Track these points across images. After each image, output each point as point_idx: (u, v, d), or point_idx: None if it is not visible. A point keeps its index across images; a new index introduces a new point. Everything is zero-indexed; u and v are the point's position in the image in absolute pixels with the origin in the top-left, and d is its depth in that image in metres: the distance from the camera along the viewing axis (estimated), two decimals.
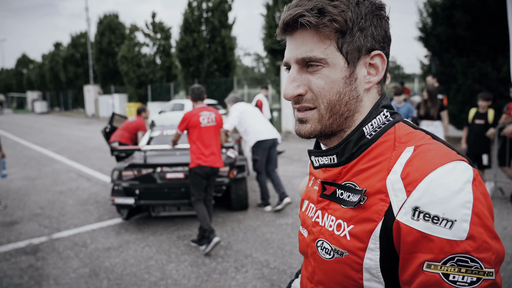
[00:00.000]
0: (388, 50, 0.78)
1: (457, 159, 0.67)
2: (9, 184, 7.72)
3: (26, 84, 46.88)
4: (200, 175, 4.23)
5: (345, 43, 0.72)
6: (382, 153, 0.74)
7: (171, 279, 3.67)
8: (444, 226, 0.62)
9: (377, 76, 0.76)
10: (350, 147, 0.77)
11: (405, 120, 0.81)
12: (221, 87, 20.25)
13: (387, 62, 0.77)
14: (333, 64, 0.73)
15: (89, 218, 5.53)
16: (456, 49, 10.17)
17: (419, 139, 0.73)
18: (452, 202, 0.62)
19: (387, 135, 0.76)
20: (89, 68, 31.10)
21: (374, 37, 0.74)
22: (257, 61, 68.99)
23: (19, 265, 4.08)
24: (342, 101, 0.74)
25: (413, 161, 0.68)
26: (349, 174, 0.77)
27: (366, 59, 0.75)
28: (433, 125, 6.30)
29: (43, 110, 38.11)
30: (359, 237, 0.72)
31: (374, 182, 0.72)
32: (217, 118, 4.37)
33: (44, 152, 12.16)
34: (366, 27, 0.73)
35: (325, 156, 0.80)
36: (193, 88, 4.38)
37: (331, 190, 0.80)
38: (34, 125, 23.34)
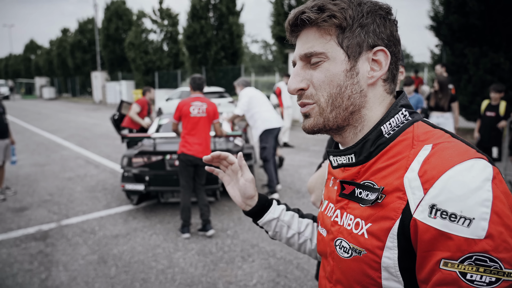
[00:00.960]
0: (395, 49, 0.79)
1: (476, 157, 0.66)
2: (18, 170, 7.81)
3: (34, 70, 47.08)
4: (184, 162, 4.28)
5: (345, 38, 0.75)
6: (400, 152, 0.74)
7: (178, 267, 3.70)
8: (462, 224, 0.61)
9: (380, 71, 0.77)
10: (368, 146, 0.77)
11: (425, 119, 0.80)
12: (228, 74, 20.16)
13: (393, 59, 0.78)
14: (333, 58, 0.75)
15: (97, 205, 5.58)
16: (468, 38, 9.98)
17: (437, 137, 0.72)
18: (470, 200, 0.61)
19: (406, 134, 0.76)
20: (97, 54, 31.10)
21: (377, 34, 0.76)
22: (265, 48, 68.44)
23: (29, 251, 4.14)
24: (344, 94, 0.76)
25: (430, 159, 0.67)
26: (367, 173, 0.78)
27: (369, 54, 0.76)
28: (443, 117, 6.23)
29: (51, 96, 38.32)
30: (377, 235, 0.72)
31: (392, 180, 0.72)
32: (209, 110, 4.35)
33: (52, 138, 12.25)
34: (368, 24, 0.75)
35: (343, 156, 0.81)
36: (194, 77, 4.41)
37: (350, 189, 0.81)
38: (42, 111, 23.50)
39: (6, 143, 6.04)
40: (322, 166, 1.64)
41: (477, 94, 9.71)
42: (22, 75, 52.24)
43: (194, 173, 4.38)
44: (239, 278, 3.49)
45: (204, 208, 4.38)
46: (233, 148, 5.15)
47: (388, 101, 0.80)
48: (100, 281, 3.48)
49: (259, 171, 7.22)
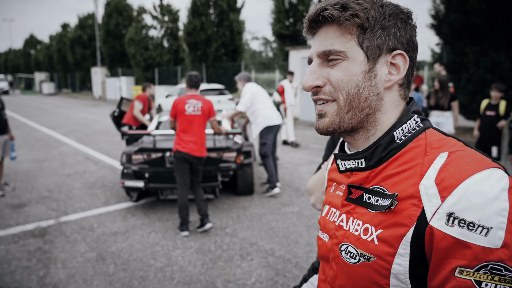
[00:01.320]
0: (413, 55, 0.78)
1: (493, 166, 0.67)
2: (17, 166, 7.80)
3: (34, 65, 46.97)
4: (179, 159, 4.28)
5: (366, 39, 0.74)
6: (413, 158, 0.73)
7: (176, 266, 3.70)
8: (480, 233, 0.62)
9: (398, 75, 0.76)
10: (379, 151, 0.77)
11: (435, 127, 0.80)
12: (228, 71, 20.12)
13: (410, 65, 0.77)
14: (352, 58, 0.74)
15: (96, 202, 5.57)
16: (469, 37, 9.95)
17: (452, 145, 0.72)
18: (488, 209, 0.62)
19: (418, 140, 0.75)
20: (97, 50, 31.02)
21: (397, 38, 0.75)
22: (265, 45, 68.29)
23: (28, 248, 4.14)
24: (362, 95, 0.75)
25: (447, 167, 0.68)
26: (377, 179, 0.77)
27: (388, 57, 0.76)
28: (443, 116, 6.22)
29: (50, 91, 38.24)
30: (389, 242, 0.71)
31: (406, 187, 0.71)
32: (204, 108, 4.34)
33: (52, 134, 12.24)
34: (389, 26, 0.74)
35: (352, 160, 0.80)
36: (191, 75, 4.41)
37: (358, 194, 0.80)
38: (42, 107, 23.46)
39: (5, 139, 6.02)
40: (321, 168, 1.63)
41: (477, 93, 9.69)
42: (22, 70, 52.12)
43: (190, 171, 4.38)
44: (237, 276, 3.49)
45: (201, 203, 4.38)
46: (232, 146, 5.15)
47: (401, 106, 0.80)
48: (98, 279, 3.48)
49: (258, 168, 7.21)
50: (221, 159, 5.02)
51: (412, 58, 0.78)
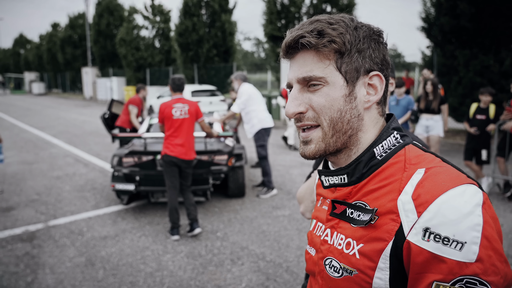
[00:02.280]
0: (387, 73, 0.81)
1: (468, 182, 0.69)
2: (5, 168, 7.69)
3: (24, 65, 46.38)
4: (167, 163, 4.27)
5: (344, 63, 0.76)
6: (392, 174, 0.76)
7: (167, 271, 3.68)
8: (455, 247, 0.64)
9: (376, 96, 0.79)
10: (360, 167, 0.79)
11: (415, 142, 0.82)
12: (220, 72, 20.06)
13: (385, 83, 0.80)
14: (332, 83, 0.76)
15: (86, 205, 5.51)
16: (459, 40, 10.05)
17: (429, 162, 0.75)
18: (462, 224, 0.64)
19: (398, 156, 0.78)
20: (87, 50, 30.74)
21: (372, 59, 0.78)
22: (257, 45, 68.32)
23: (15, 253, 4.08)
24: (344, 119, 0.77)
25: (424, 183, 0.70)
26: (359, 194, 0.79)
27: (365, 79, 0.78)
28: (432, 119, 6.27)
29: (40, 91, 37.79)
30: (369, 256, 0.73)
31: (385, 202, 0.73)
32: (191, 110, 4.32)
33: (41, 135, 12.09)
34: (364, 49, 0.77)
35: (335, 176, 0.83)
36: (174, 78, 4.39)
37: (341, 209, 0.82)
38: (31, 107, 23.18)
39: None
40: (311, 176, 1.63)
41: (467, 95, 9.79)
42: (11, 69, 51.44)
43: (179, 174, 4.36)
44: (228, 281, 3.47)
45: (190, 207, 4.36)
46: (223, 149, 5.14)
47: (381, 123, 0.83)
48: (87, 285, 3.44)
49: (250, 171, 7.20)
50: (212, 162, 5.00)
51: (386, 76, 0.81)
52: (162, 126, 4.38)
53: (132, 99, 6.85)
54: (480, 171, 5.76)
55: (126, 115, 6.84)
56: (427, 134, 6.34)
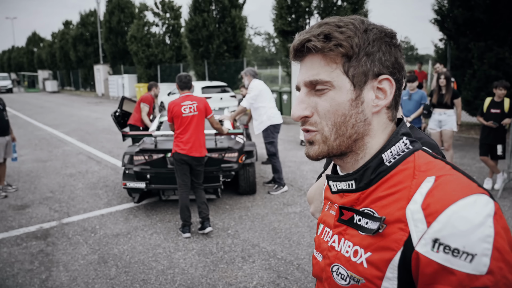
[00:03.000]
0: (399, 77, 0.79)
1: (479, 192, 0.67)
2: (20, 166, 7.82)
3: (37, 63, 47.02)
4: (178, 161, 4.28)
5: (351, 67, 0.74)
6: (401, 181, 0.74)
7: (178, 268, 3.70)
8: (465, 259, 0.62)
9: (385, 100, 0.77)
10: (368, 173, 0.77)
11: (425, 148, 0.80)
12: (230, 68, 20.04)
13: (397, 86, 0.78)
14: (338, 87, 0.75)
15: (98, 202, 5.57)
16: (473, 33, 9.84)
17: (439, 169, 0.72)
18: (473, 236, 0.62)
19: (406, 163, 0.76)
20: (99, 47, 30.99)
21: (382, 62, 0.76)
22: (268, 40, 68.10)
23: (30, 250, 4.15)
24: (348, 123, 0.76)
25: (434, 192, 0.68)
26: (367, 201, 0.78)
27: (374, 83, 0.76)
28: (446, 114, 6.16)
29: (54, 89, 38.27)
30: (377, 265, 0.72)
31: (393, 211, 0.72)
32: (200, 107, 4.32)
33: (54, 133, 12.26)
34: (374, 52, 0.75)
35: (343, 181, 0.81)
36: (180, 76, 4.38)
37: (349, 215, 0.81)
38: (45, 105, 23.51)
39: (7, 140, 6.03)
40: (322, 176, 1.61)
41: (482, 89, 9.60)
42: (25, 68, 52.21)
43: (190, 172, 4.36)
44: (239, 279, 3.48)
45: (202, 206, 4.36)
46: (234, 146, 5.12)
47: (390, 128, 0.81)
48: (100, 282, 3.48)
49: (261, 167, 7.19)
50: (223, 159, 5.00)
51: (398, 79, 0.78)
52: (172, 125, 4.38)
53: (143, 97, 6.86)
54: (495, 166, 5.65)
55: (138, 113, 6.87)
56: (440, 128, 6.24)
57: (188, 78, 4.39)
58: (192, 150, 4.24)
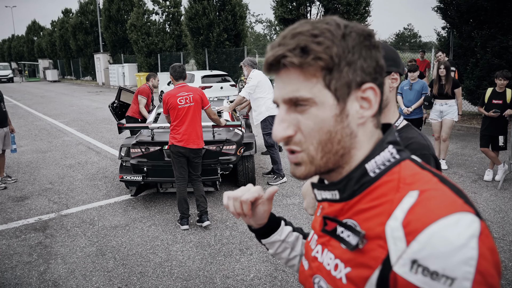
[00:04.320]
0: (381, 80, 0.73)
1: (463, 210, 0.62)
2: (20, 157, 7.81)
3: (37, 52, 46.79)
4: (175, 154, 4.24)
5: (333, 80, 0.68)
6: (384, 194, 0.70)
7: (176, 261, 3.70)
8: (444, 283, 0.58)
9: (371, 110, 0.71)
10: (351, 184, 0.73)
11: (412, 157, 0.75)
12: (231, 57, 19.88)
13: (380, 93, 0.73)
14: (321, 103, 0.68)
15: (97, 194, 5.57)
16: (477, 21, 9.69)
17: (425, 182, 0.68)
18: (453, 258, 0.58)
19: (391, 174, 0.71)
20: (99, 36, 30.78)
21: (364, 70, 0.69)
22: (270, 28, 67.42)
23: (29, 242, 4.15)
24: (334, 139, 0.70)
25: (416, 208, 0.64)
26: (350, 212, 0.74)
27: (358, 93, 0.70)
28: (447, 104, 6.09)
29: (54, 78, 38.19)
30: (355, 283, 0.70)
31: (374, 226, 0.68)
32: (196, 97, 4.25)
33: (54, 123, 12.24)
34: (354, 60, 0.68)
35: (327, 191, 0.77)
36: (174, 66, 4.30)
37: (332, 226, 0.77)
38: (45, 94, 23.46)
39: (5, 131, 6.02)
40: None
41: (484, 78, 9.48)
42: (26, 57, 51.98)
43: (187, 164, 4.33)
44: (236, 272, 3.48)
45: (200, 199, 4.34)
46: (232, 138, 5.06)
47: (376, 136, 0.75)
48: (97, 275, 3.49)
49: (260, 158, 7.16)
50: (221, 152, 4.93)
51: (381, 83, 0.72)
52: (168, 117, 4.33)
53: (141, 89, 6.78)
54: (496, 157, 5.61)
55: (136, 105, 6.80)
56: (441, 119, 6.18)
57: (182, 68, 4.31)
58: (189, 142, 4.20)
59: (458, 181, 5.69)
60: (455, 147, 7.72)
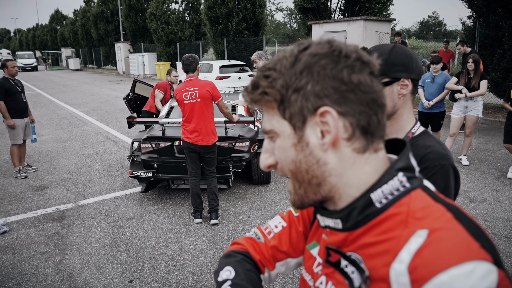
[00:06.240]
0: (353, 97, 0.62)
1: (479, 258, 0.54)
2: (41, 146, 7.99)
3: (60, 41, 47.62)
4: (186, 149, 4.20)
5: (286, 109, 0.66)
6: (391, 229, 0.63)
7: (188, 254, 3.71)
8: None
9: (330, 135, 0.63)
10: (355, 214, 0.66)
11: (425, 185, 0.67)
12: (250, 46, 19.72)
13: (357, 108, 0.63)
14: (281, 133, 0.68)
15: (114, 185, 5.64)
16: (505, 10, 9.27)
17: (436, 218, 0.60)
18: None
19: (400, 206, 0.64)
20: (120, 25, 31.03)
21: (317, 93, 0.63)
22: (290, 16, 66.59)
23: (46, 232, 4.24)
24: (301, 169, 0.67)
25: (424, 251, 0.56)
26: (355, 244, 0.68)
27: (315, 118, 0.64)
28: (472, 99, 5.86)
29: (76, 67, 38.89)
30: None
31: (379, 266, 0.62)
32: (202, 93, 4.10)
33: (75, 112, 12.46)
34: (303, 86, 0.63)
35: (330, 218, 0.71)
36: (183, 57, 4.19)
37: (336, 257, 0.72)
38: (67, 83, 23.90)
39: (26, 121, 6.13)
40: None
41: (511, 70, 9.11)
42: (49, 46, 53.01)
43: (200, 159, 4.28)
44: None
45: (211, 196, 4.28)
46: (246, 134, 4.89)
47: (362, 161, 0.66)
48: (111, 267, 3.53)
49: None
50: (233, 148, 4.76)
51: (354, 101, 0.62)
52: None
53: (158, 84, 6.72)
54: None
55: (153, 99, 6.73)
56: (465, 114, 5.95)
57: (190, 59, 4.16)
58: (198, 139, 4.12)
59: (480, 178, 5.50)
60: (478, 141, 7.47)
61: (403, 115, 1.29)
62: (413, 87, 1.27)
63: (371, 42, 11.83)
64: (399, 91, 1.25)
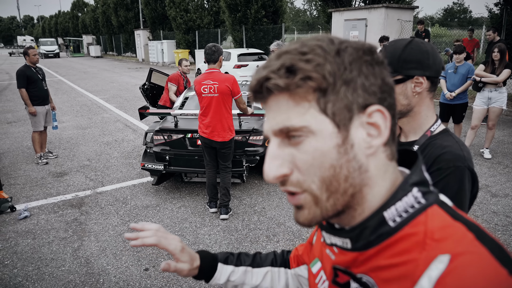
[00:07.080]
0: (391, 101, 0.59)
1: (509, 285, 0.48)
2: (61, 133, 8.15)
3: (82, 28, 48.25)
4: (202, 143, 4.16)
5: (329, 103, 0.56)
6: (407, 250, 0.56)
7: (203, 244, 3.74)
8: None
9: (380, 138, 0.58)
10: (366, 233, 0.60)
11: (442, 200, 0.60)
12: (269, 34, 19.53)
13: (391, 116, 0.59)
14: (318, 131, 0.56)
15: (131, 172, 5.72)
16: None
17: (457, 241, 0.53)
18: None
19: (416, 225, 0.57)
20: (139, 12, 31.17)
21: (367, 89, 0.57)
22: (309, 3, 65.56)
23: (65, 218, 4.34)
24: (340, 176, 0.57)
25: (446, 280, 0.50)
26: (366, 266, 0.62)
27: (362, 117, 0.57)
28: (497, 90, 5.66)
29: (97, 54, 39.43)
30: None
31: None
32: (222, 88, 3.95)
33: (95, 99, 12.64)
34: (353, 78, 0.56)
35: (337, 237, 0.65)
36: (206, 47, 4.03)
37: (345, 279, 0.66)
38: (88, 70, 24.25)
39: (47, 108, 6.25)
40: None
41: None
42: (71, 33, 53.80)
43: (216, 154, 4.24)
44: None
45: (223, 191, 4.23)
46: (260, 127, 4.78)
47: (391, 170, 0.61)
48: (127, 254, 3.59)
49: None
50: (247, 142, 4.66)
51: (391, 105, 0.59)
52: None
53: (170, 76, 6.63)
54: None
55: (167, 93, 6.68)
56: (488, 106, 5.76)
57: (213, 49, 4.00)
58: (213, 135, 4.04)
59: (503, 172, 5.34)
60: (502, 134, 7.23)
61: (421, 113, 1.24)
62: (431, 84, 1.21)
63: (393, 30, 11.52)
64: (413, 89, 1.19)
